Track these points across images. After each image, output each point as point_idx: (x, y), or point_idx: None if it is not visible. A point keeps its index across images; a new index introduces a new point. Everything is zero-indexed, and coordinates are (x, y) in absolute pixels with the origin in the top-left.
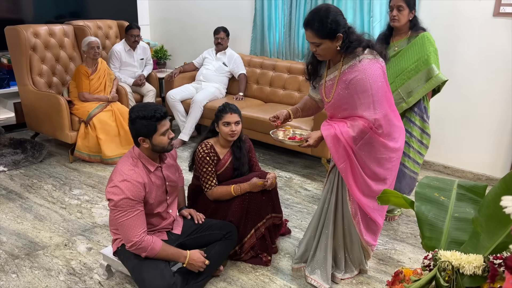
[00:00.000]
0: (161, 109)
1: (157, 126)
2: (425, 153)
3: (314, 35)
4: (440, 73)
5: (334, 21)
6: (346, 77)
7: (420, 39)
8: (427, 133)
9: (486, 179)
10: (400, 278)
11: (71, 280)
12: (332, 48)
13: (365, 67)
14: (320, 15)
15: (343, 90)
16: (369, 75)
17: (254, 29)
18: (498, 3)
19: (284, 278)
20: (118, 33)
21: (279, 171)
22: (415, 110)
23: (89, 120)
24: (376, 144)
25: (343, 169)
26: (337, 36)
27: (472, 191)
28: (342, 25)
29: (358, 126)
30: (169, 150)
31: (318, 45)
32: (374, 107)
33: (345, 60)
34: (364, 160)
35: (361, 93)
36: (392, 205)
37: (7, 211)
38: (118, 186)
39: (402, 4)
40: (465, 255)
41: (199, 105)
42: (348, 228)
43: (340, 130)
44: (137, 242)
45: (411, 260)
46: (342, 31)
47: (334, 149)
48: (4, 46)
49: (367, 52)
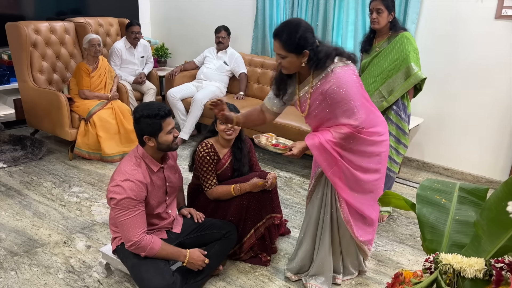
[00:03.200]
0: (165, 107)
1: (162, 124)
2: (404, 152)
3: (281, 47)
4: (419, 71)
5: (303, 37)
6: (322, 88)
7: (399, 39)
8: (404, 130)
9: (486, 182)
10: (400, 280)
11: (70, 278)
12: (296, 63)
13: (339, 75)
14: (289, 28)
15: (322, 101)
16: (344, 83)
17: (255, 28)
18: (500, 5)
19: (284, 278)
20: (119, 30)
21: (279, 171)
22: (393, 107)
23: (89, 117)
24: (364, 142)
25: (331, 176)
26: (303, 53)
27: (473, 194)
28: (310, 43)
29: (342, 132)
30: (174, 148)
31: (283, 57)
32: (356, 112)
33: (314, 74)
34: (352, 160)
35: (340, 101)
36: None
37: (6, 207)
38: (120, 185)
39: (381, 7)
40: (466, 258)
41: (200, 104)
42: (344, 234)
43: (325, 139)
44: (136, 242)
45: (410, 261)
46: (309, 48)
47: (321, 157)
48: (4, 42)
49: (337, 61)
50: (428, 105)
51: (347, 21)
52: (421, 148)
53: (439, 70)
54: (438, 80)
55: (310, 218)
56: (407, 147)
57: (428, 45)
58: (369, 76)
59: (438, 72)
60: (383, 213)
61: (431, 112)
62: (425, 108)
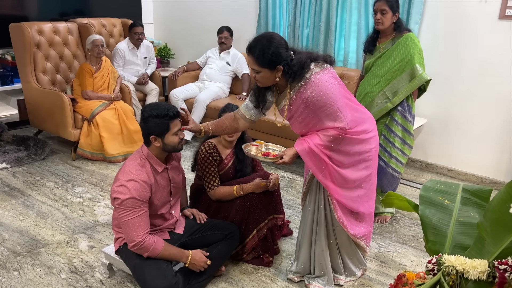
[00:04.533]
0: (174, 109)
1: (170, 125)
2: (409, 153)
3: (254, 61)
4: (424, 72)
5: (276, 53)
6: (302, 96)
7: (404, 40)
8: (409, 131)
9: (489, 183)
10: (403, 281)
11: (73, 278)
12: (271, 77)
13: (318, 81)
14: (262, 44)
15: (305, 109)
16: (323, 87)
17: (258, 29)
18: (504, 6)
19: (286, 279)
20: (122, 31)
21: (281, 171)
22: (398, 109)
23: (92, 118)
24: (352, 141)
25: (322, 179)
26: (277, 68)
27: (477, 195)
28: (284, 58)
29: (330, 135)
30: (179, 150)
31: (257, 72)
32: (340, 115)
33: (292, 85)
34: (341, 160)
35: (323, 106)
36: (397, 208)
37: (9, 208)
38: (125, 186)
39: (386, 7)
40: (469, 260)
41: (202, 105)
42: (340, 234)
43: (313, 143)
44: (139, 242)
45: (413, 263)
46: (283, 63)
47: (311, 162)
48: (8, 43)
49: (313, 67)
50: (431, 105)
51: (350, 21)
52: (424, 149)
53: (442, 71)
54: (442, 81)
55: (306, 220)
56: (412, 148)
57: (431, 46)
58: (373, 77)
59: (441, 72)
60: (386, 214)
61: (434, 113)
62: (428, 109)
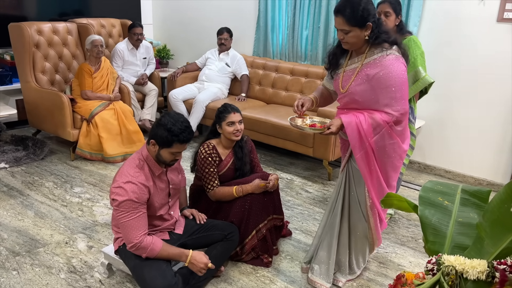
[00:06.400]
0: (188, 135)
1: (174, 145)
2: (410, 154)
3: (344, 22)
4: (427, 75)
5: (366, 9)
6: (369, 71)
7: (407, 43)
8: (412, 132)
9: (487, 184)
10: (402, 282)
11: (72, 278)
12: (360, 36)
13: (391, 63)
14: (352, 2)
15: (364, 83)
16: (393, 71)
17: (257, 30)
18: (502, 8)
19: (285, 279)
20: (121, 32)
21: (281, 172)
22: None
23: (91, 118)
24: (390, 142)
25: (360, 159)
26: (366, 25)
27: (476, 196)
28: (372, 15)
29: (375, 118)
30: (169, 165)
31: (347, 32)
32: (395, 103)
33: (369, 52)
34: (380, 159)
35: (387, 87)
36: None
37: (8, 208)
38: (122, 187)
39: (389, 10)
40: (469, 260)
41: (201, 105)
42: (355, 224)
43: (359, 119)
44: (136, 244)
45: (411, 264)
46: (372, 20)
47: (353, 137)
48: (7, 43)
49: (395, 49)
50: (430, 107)
51: None
52: (423, 151)
53: (440, 73)
54: (440, 83)
55: (329, 203)
56: (413, 149)
57: (430, 48)
58: None
59: (440, 74)
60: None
61: (433, 115)
62: (426, 111)
